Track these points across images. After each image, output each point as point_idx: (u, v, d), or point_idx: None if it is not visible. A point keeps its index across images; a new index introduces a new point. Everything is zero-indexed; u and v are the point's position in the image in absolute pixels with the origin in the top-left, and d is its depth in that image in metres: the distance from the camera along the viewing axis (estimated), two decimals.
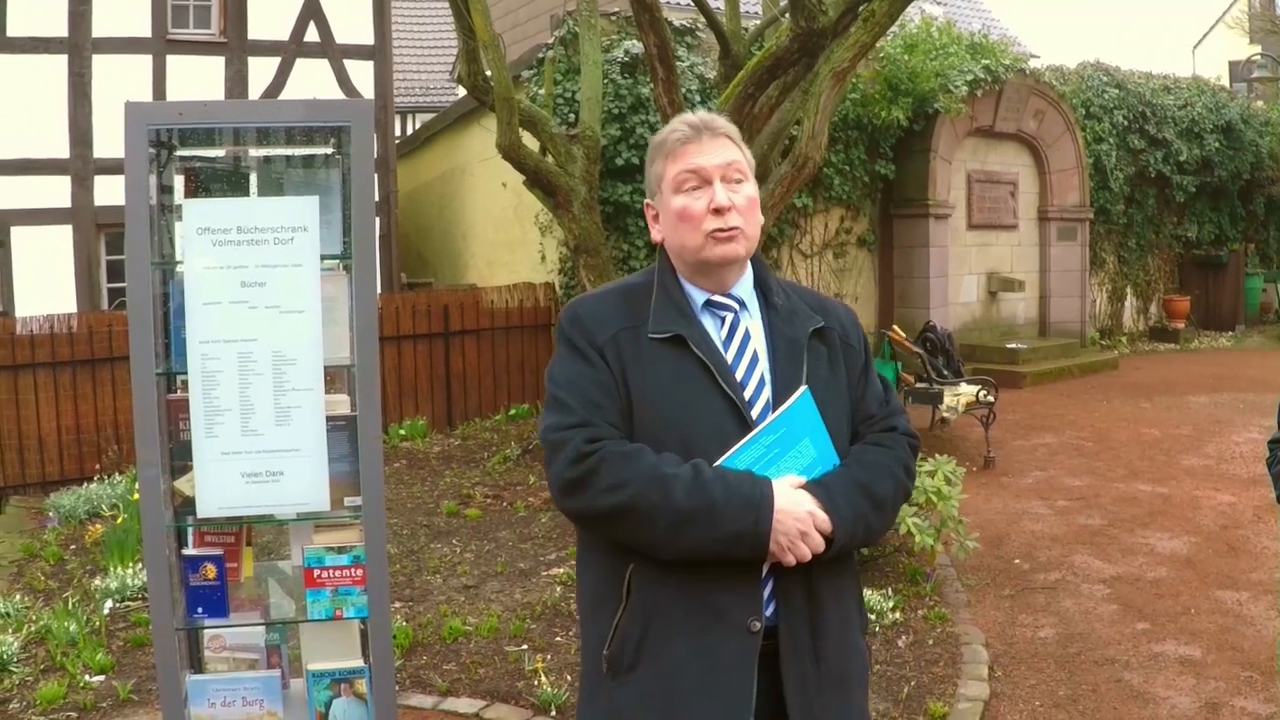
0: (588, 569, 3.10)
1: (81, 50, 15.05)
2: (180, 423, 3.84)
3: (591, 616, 3.04)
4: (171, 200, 3.98)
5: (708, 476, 2.76)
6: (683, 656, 2.84)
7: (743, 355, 2.99)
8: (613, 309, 3.00)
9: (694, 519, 2.73)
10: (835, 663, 2.99)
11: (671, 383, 2.89)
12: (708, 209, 2.93)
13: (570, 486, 2.82)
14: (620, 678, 2.90)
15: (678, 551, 2.78)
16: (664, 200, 3.02)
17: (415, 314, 14.52)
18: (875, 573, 8.18)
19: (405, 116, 30.18)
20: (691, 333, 2.93)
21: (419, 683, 6.61)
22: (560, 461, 2.83)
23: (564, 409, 2.87)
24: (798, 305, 3.13)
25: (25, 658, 7.04)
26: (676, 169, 2.97)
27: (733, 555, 2.78)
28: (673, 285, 3.03)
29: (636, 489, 2.74)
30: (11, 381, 11.86)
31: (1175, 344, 22.05)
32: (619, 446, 2.80)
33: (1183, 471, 11.35)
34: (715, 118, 3.06)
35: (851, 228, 17.97)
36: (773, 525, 2.76)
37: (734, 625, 2.83)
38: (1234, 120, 22.74)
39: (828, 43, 9.28)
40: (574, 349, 2.94)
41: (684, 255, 3.01)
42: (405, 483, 11.67)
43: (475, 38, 10.29)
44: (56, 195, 15.05)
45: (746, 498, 2.76)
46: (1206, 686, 6.33)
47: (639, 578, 2.87)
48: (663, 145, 3.03)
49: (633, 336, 2.93)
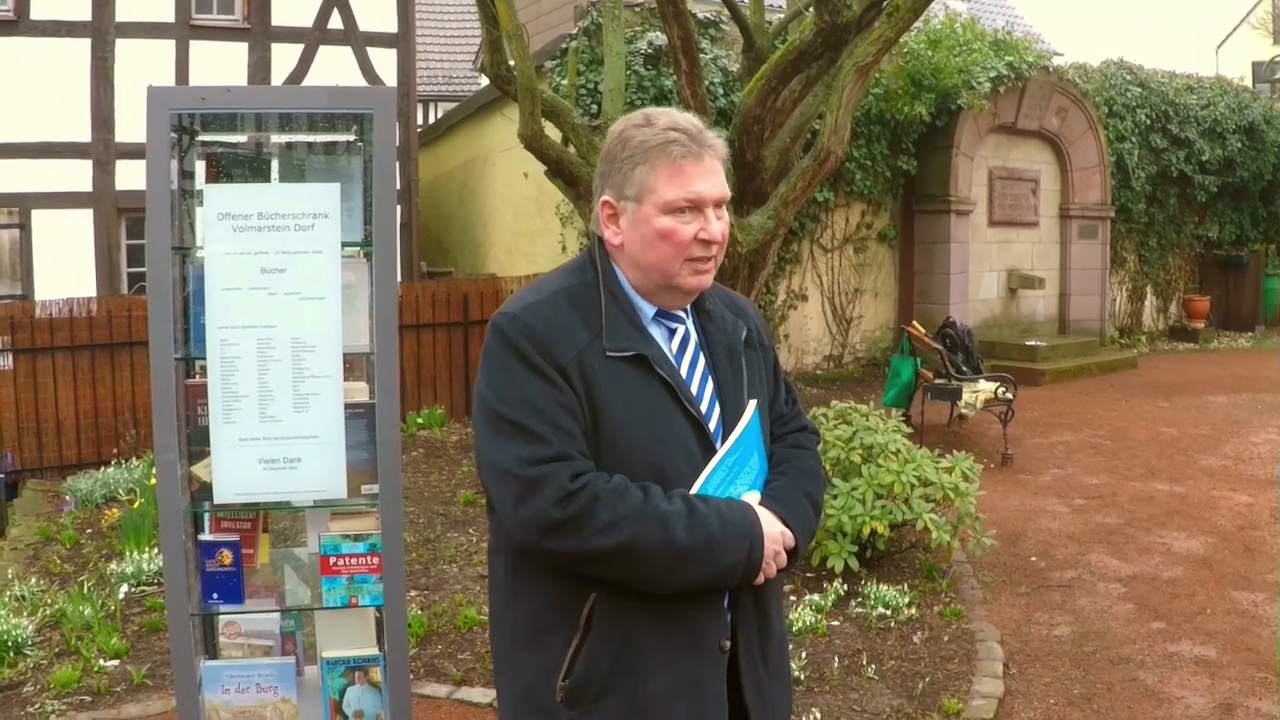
0: (525, 593, 2.85)
1: (105, 34, 15.09)
2: (198, 408, 3.85)
3: (531, 644, 2.83)
4: (193, 185, 3.99)
5: (702, 511, 2.68)
6: (663, 684, 2.76)
7: (694, 371, 2.89)
8: (566, 320, 2.76)
9: (695, 555, 2.65)
10: (776, 657, 3.02)
11: (638, 404, 2.74)
12: (695, 237, 2.77)
13: (558, 527, 2.62)
14: (584, 707, 2.76)
15: (673, 586, 2.70)
16: (643, 211, 2.78)
17: (435, 303, 14.52)
18: (891, 568, 8.17)
19: (427, 105, 30.19)
20: (651, 351, 2.79)
21: (433, 672, 6.61)
22: (541, 500, 2.61)
23: (534, 438, 2.65)
24: (722, 309, 3.03)
25: (40, 641, 7.06)
26: (674, 191, 2.76)
27: (726, 585, 2.76)
28: (620, 293, 2.85)
29: (636, 529, 2.61)
30: (30, 365, 11.90)
31: (1194, 344, 21.97)
32: (604, 482, 2.64)
33: (1200, 471, 11.31)
34: (712, 134, 2.86)
35: (872, 223, 17.95)
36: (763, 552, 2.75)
37: (708, 648, 2.80)
38: (1257, 121, 22.66)
39: (851, 37, 9.25)
40: (531, 367, 2.69)
41: (650, 273, 2.82)
42: (422, 471, 11.68)
43: (499, 27, 10.26)
44: (78, 179, 15.10)
45: (740, 528, 2.71)
46: (1221, 687, 6.31)
47: (605, 607, 2.73)
48: (658, 152, 2.77)
49: (592, 353, 2.73)
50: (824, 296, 17.51)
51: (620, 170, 2.82)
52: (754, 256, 9.17)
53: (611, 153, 2.86)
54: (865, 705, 6.05)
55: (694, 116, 2.87)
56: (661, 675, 2.76)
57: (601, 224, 2.88)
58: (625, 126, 2.86)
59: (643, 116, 2.87)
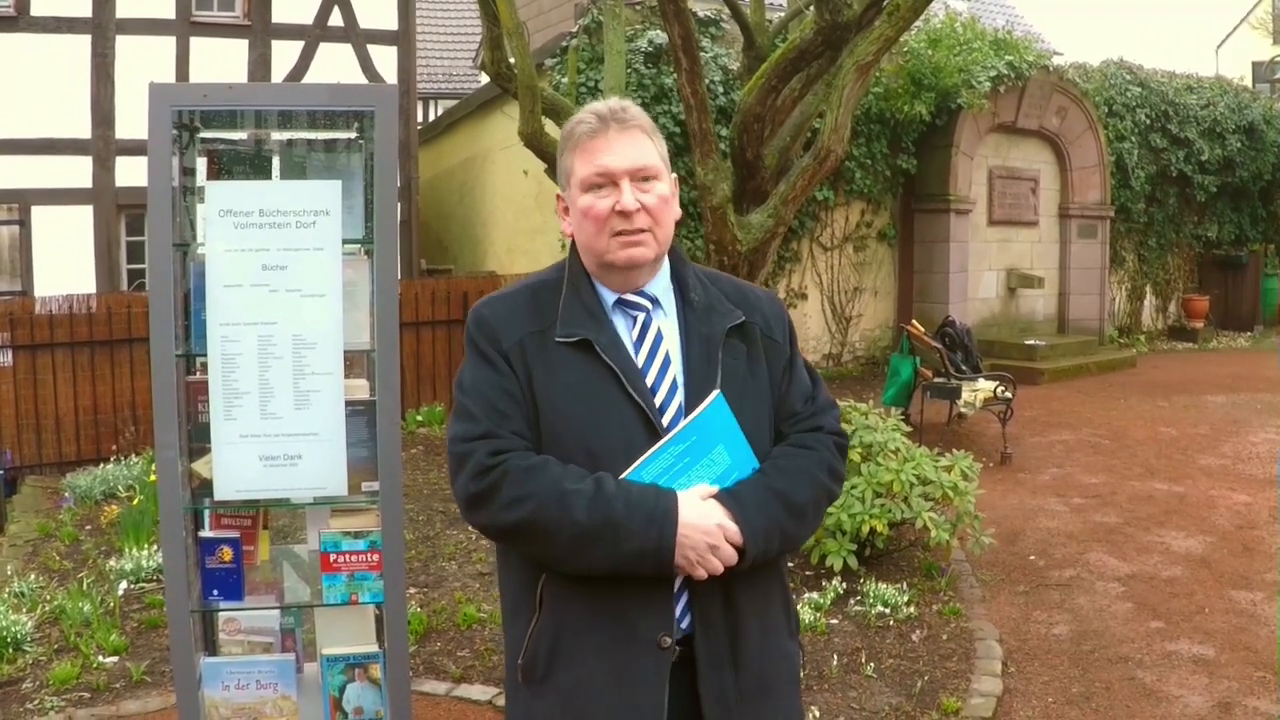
0: (506, 578, 3.01)
1: (105, 31, 15.08)
2: (199, 405, 3.85)
3: (510, 623, 2.97)
4: (193, 182, 3.99)
5: (609, 491, 2.67)
6: (592, 670, 2.78)
7: (654, 358, 2.88)
8: (519, 311, 2.88)
9: (596, 535, 2.65)
10: (756, 670, 2.90)
11: (578, 389, 2.78)
12: (613, 210, 2.81)
13: (474, 501, 2.74)
14: (534, 687, 2.85)
15: (581, 567, 2.71)
16: (571, 196, 2.89)
17: (435, 300, 14.53)
18: (890, 566, 8.18)
19: (427, 103, 30.19)
20: (600, 336, 2.82)
21: (432, 669, 6.62)
22: (465, 474, 2.75)
23: (469, 418, 2.78)
24: (716, 300, 3.00)
25: (39, 637, 7.06)
26: (584, 168, 2.84)
27: (638, 571, 2.70)
28: (583, 284, 2.91)
29: (537, 504, 2.65)
30: (30, 361, 11.90)
31: (1193, 343, 21.99)
32: (523, 459, 2.72)
33: (1199, 471, 11.32)
34: (627, 106, 2.91)
35: (872, 221, 17.97)
36: (677, 540, 2.67)
37: (644, 642, 2.77)
38: (1256, 121, 22.68)
39: (852, 36, 9.25)
40: (479, 354, 2.84)
41: (589, 255, 2.90)
42: (422, 469, 11.68)
43: (499, 25, 10.26)
44: (78, 175, 15.10)
45: (649, 513, 2.66)
46: (1219, 686, 6.32)
47: (550, 589, 2.80)
48: (570, 137, 2.89)
49: (539, 341, 2.82)
50: (823, 295, 17.52)
51: (559, 164, 2.96)
52: (753, 255, 9.16)
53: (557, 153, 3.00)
54: (864, 703, 6.06)
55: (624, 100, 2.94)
56: (594, 662, 2.78)
57: (560, 221, 3.00)
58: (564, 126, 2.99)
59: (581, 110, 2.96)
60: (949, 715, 5.94)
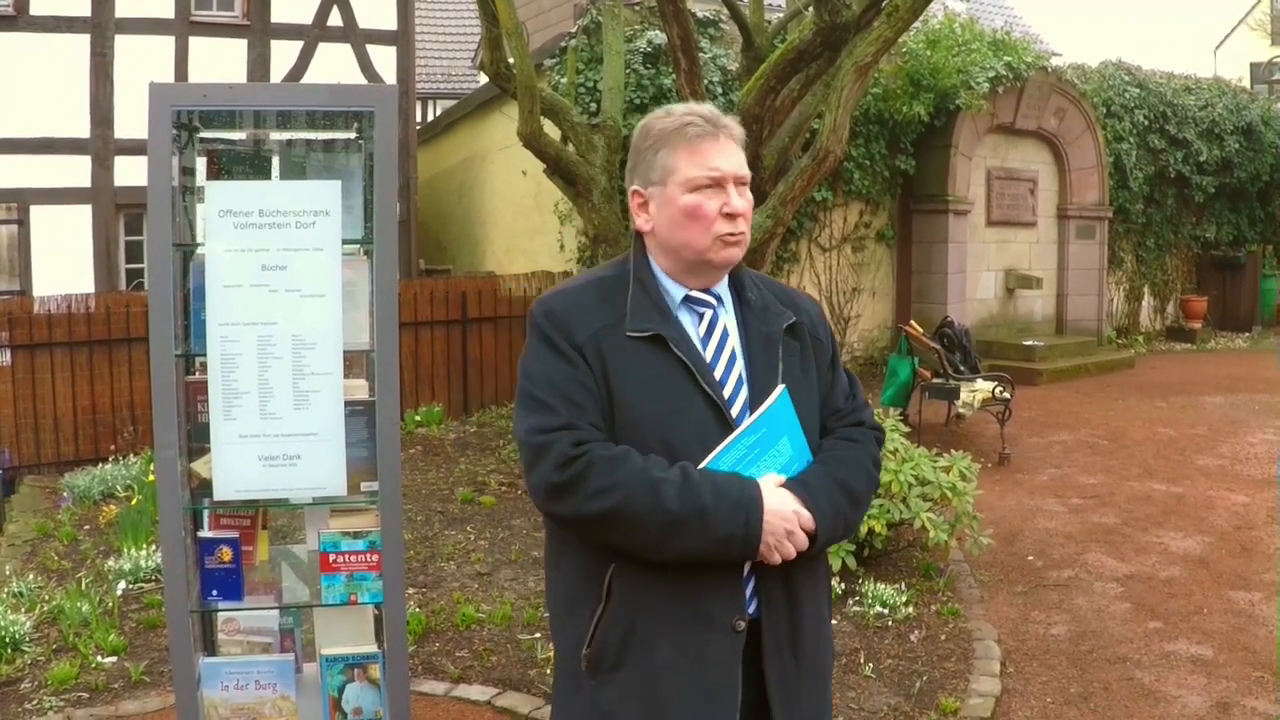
0: (560, 570, 3.06)
1: (104, 30, 15.09)
2: (198, 405, 3.86)
3: (567, 614, 3.01)
4: (193, 182, 3.99)
5: (696, 479, 2.75)
6: (669, 656, 2.84)
7: (721, 353, 2.98)
8: (589, 305, 2.94)
9: (685, 522, 2.72)
10: (812, 653, 3.03)
11: (652, 383, 2.86)
12: (720, 212, 2.90)
13: (557, 490, 2.78)
14: (601, 677, 2.89)
15: (668, 554, 2.77)
16: (668, 193, 2.94)
17: (433, 300, 14.51)
18: (889, 567, 8.19)
19: (426, 103, 30.20)
20: (671, 332, 2.90)
21: (431, 669, 6.62)
22: (545, 465, 2.79)
23: (546, 410, 2.83)
24: (769, 300, 3.12)
25: (37, 637, 7.06)
26: (694, 168, 2.91)
27: (723, 557, 2.79)
28: (649, 280, 2.99)
29: (626, 493, 2.72)
30: (29, 361, 11.89)
31: (1192, 344, 21.96)
32: (606, 449, 2.78)
33: (1197, 471, 11.32)
34: (727, 117, 3.02)
35: (870, 222, 17.95)
36: (762, 526, 2.77)
37: (719, 625, 2.85)
38: (1254, 122, 22.66)
39: (851, 37, 9.26)
40: (551, 346, 2.90)
41: (683, 252, 2.96)
42: (420, 469, 11.68)
43: (499, 25, 10.28)
44: (77, 175, 15.11)
45: (736, 500, 2.76)
46: (1218, 686, 6.32)
47: (621, 578, 2.85)
48: (676, 135, 2.94)
49: (611, 334, 2.88)
50: (822, 295, 17.49)
51: (645, 159, 3.00)
52: (752, 255, 9.17)
53: (636, 145, 3.04)
54: (863, 704, 6.06)
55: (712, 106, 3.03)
56: (669, 647, 2.84)
57: (634, 213, 3.05)
58: (648, 120, 3.05)
59: (664, 110, 3.05)
60: (947, 715, 5.94)
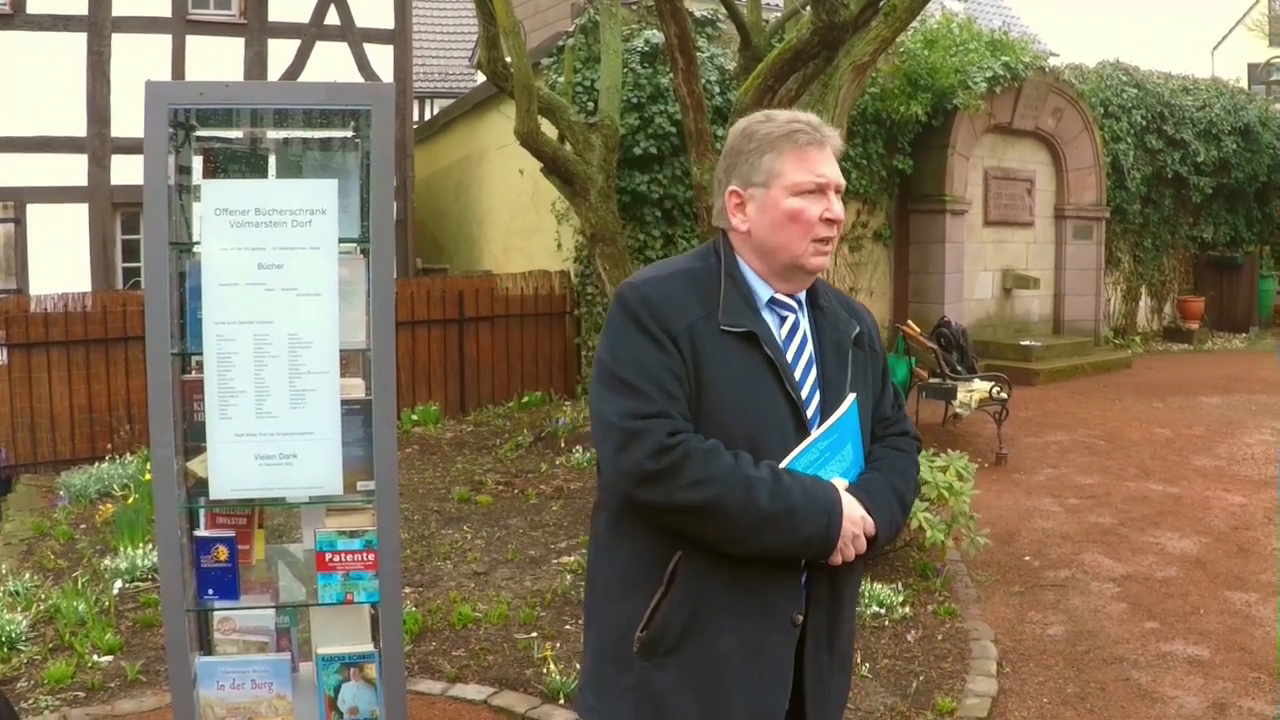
0: (618, 550, 3.05)
1: (101, 29, 15.08)
2: (194, 404, 3.85)
3: (619, 595, 3.01)
4: (190, 181, 3.98)
5: (786, 481, 2.81)
6: (729, 646, 2.89)
7: (800, 356, 3.03)
8: (683, 294, 2.95)
9: (775, 521, 2.78)
10: (842, 648, 3.15)
11: (741, 379, 2.90)
12: (820, 217, 2.96)
13: (651, 478, 2.79)
14: (657, 659, 2.92)
15: (751, 549, 2.82)
16: (771, 195, 2.97)
17: (430, 299, 14.51)
18: (885, 566, 8.17)
19: (423, 102, 30.16)
20: (762, 330, 2.94)
21: (427, 668, 6.61)
22: (639, 450, 2.79)
23: (639, 395, 2.83)
24: (837, 308, 3.19)
25: (34, 636, 7.05)
26: (802, 174, 2.95)
27: (800, 555, 2.88)
28: (740, 279, 3.02)
29: (721, 487, 2.76)
30: (25, 360, 11.89)
31: (1189, 344, 21.98)
32: (699, 442, 2.80)
33: (1194, 472, 11.32)
34: (829, 127, 3.06)
35: (868, 222, 17.94)
36: (841, 530, 2.85)
37: (780, 619, 2.94)
38: (1252, 122, 22.68)
39: (848, 36, 9.26)
40: (645, 332, 2.88)
41: (779, 255, 2.99)
42: (417, 468, 11.67)
43: (496, 24, 10.27)
44: (73, 173, 15.11)
45: (822, 503, 2.83)
46: (1214, 687, 6.32)
47: (687, 566, 2.88)
48: (784, 140, 2.98)
49: (705, 327, 2.90)
50: None
51: (748, 160, 3.02)
52: None
53: (736, 147, 3.06)
54: (859, 703, 6.05)
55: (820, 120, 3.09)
56: (730, 637, 2.90)
57: (729, 213, 3.06)
58: (749, 123, 3.08)
59: (764, 115, 3.10)
60: (944, 715, 5.94)
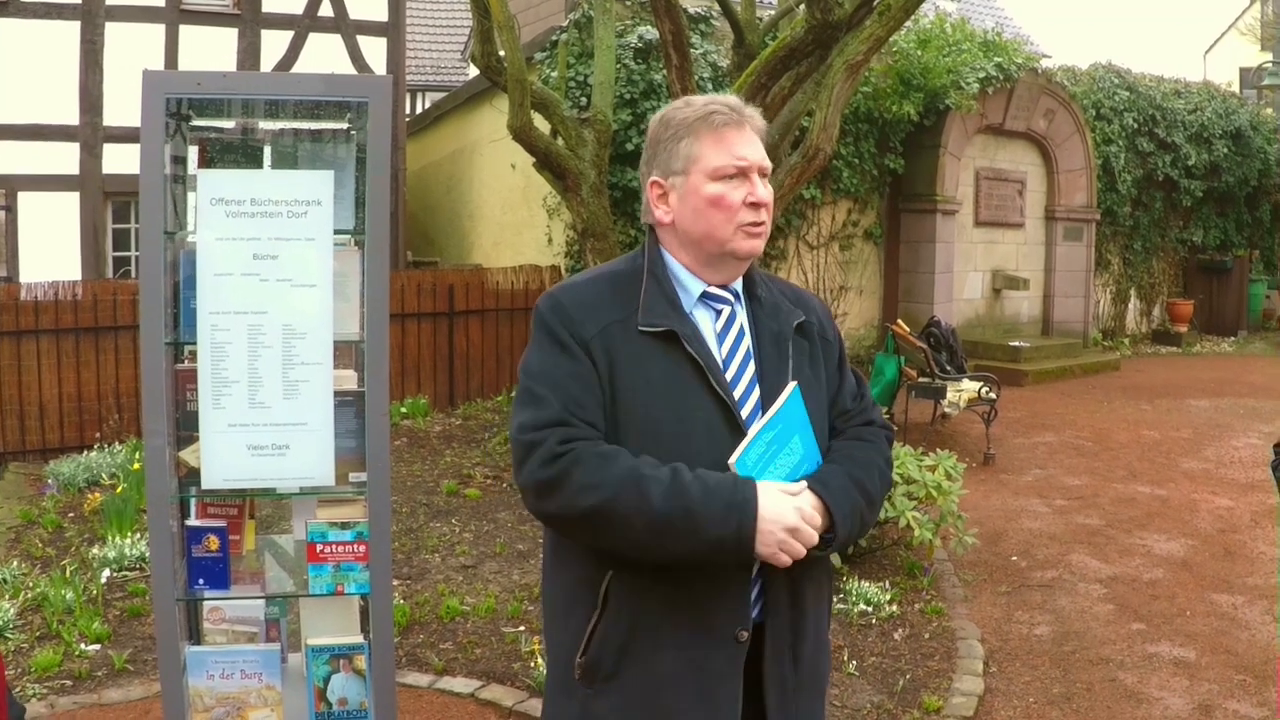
0: (559, 571, 2.97)
1: (95, 17, 15.04)
2: (187, 393, 3.84)
3: (562, 621, 2.93)
4: (184, 171, 3.97)
5: (686, 479, 2.64)
6: (669, 668, 2.78)
7: (735, 352, 2.90)
8: (599, 299, 2.84)
9: (672, 523, 2.60)
10: (810, 663, 2.98)
11: (661, 381, 2.77)
12: (744, 202, 2.83)
13: (543, 488, 2.68)
14: (597, 685, 2.82)
15: (661, 557, 2.68)
16: (691, 182, 2.86)
17: (420, 292, 14.49)
18: (873, 565, 8.19)
19: (415, 95, 30.11)
20: (684, 328, 2.81)
21: (415, 661, 6.62)
22: (533, 462, 2.68)
23: (540, 404, 2.73)
24: (778, 298, 3.05)
25: (21, 625, 7.05)
26: (720, 157, 2.83)
27: (719, 560, 2.70)
28: (664, 275, 2.90)
29: (612, 491, 2.61)
30: (14, 347, 11.85)
31: (1177, 347, 22.04)
32: (595, 447, 2.68)
33: (1181, 474, 11.35)
34: (750, 107, 2.95)
35: (859, 221, 17.96)
36: (757, 529, 2.64)
37: (722, 637, 2.79)
38: (1243, 127, 22.74)
39: (842, 35, 9.28)
40: (554, 340, 2.79)
41: (704, 244, 2.87)
42: (406, 461, 11.67)
43: (490, 18, 10.27)
44: (65, 162, 15.06)
45: (727, 501, 2.63)
46: (1200, 689, 6.34)
47: (619, 584, 2.77)
48: (701, 123, 2.86)
49: (622, 330, 2.79)
50: None
51: (666, 148, 2.91)
52: None
53: (655, 135, 2.96)
54: (846, 701, 6.07)
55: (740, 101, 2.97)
56: (670, 658, 2.78)
57: (651, 205, 2.95)
58: (666, 110, 2.97)
59: (683, 101, 2.98)
60: (930, 714, 5.96)
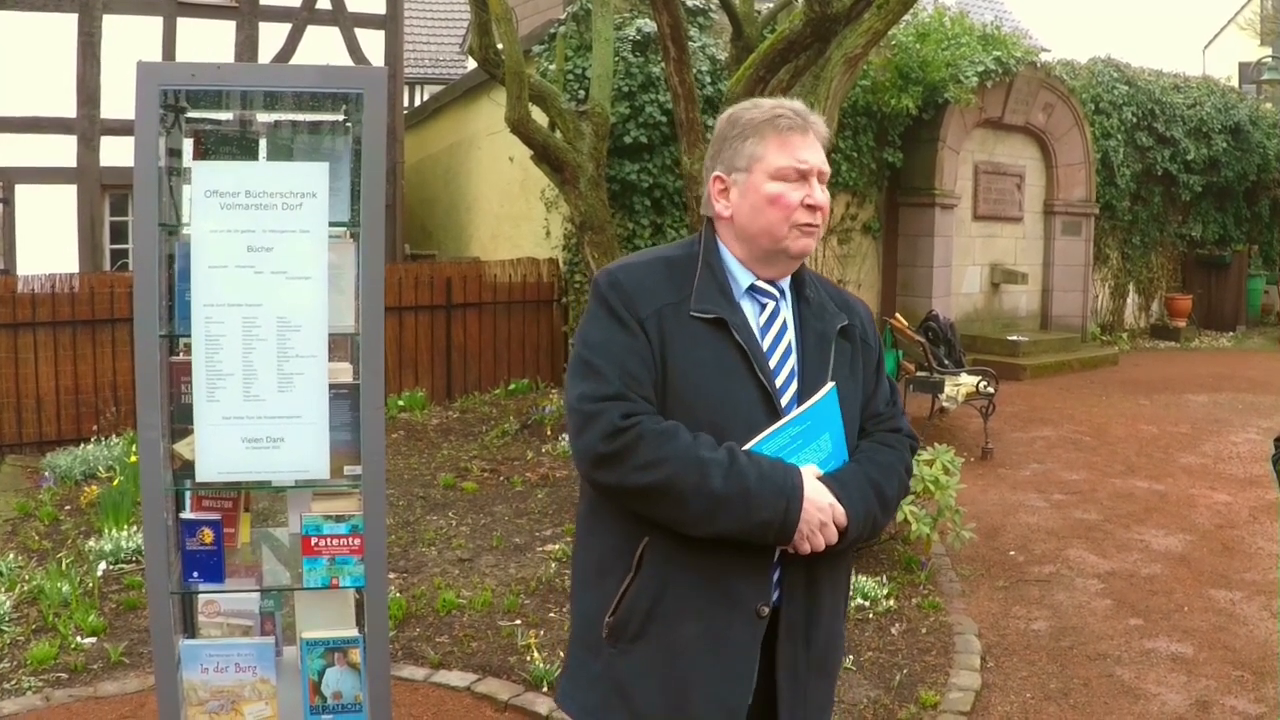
0: (595, 535, 3.08)
1: (92, 10, 15.02)
2: (182, 386, 3.83)
3: (594, 582, 3.04)
4: (180, 163, 3.95)
5: (743, 463, 2.79)
6: (692, 634, 2.88)
7: (778, 345, 3.02)
8: (656, 280, 2.97)
9: (728, 503, 2.75)
10: (821, 648, 3.08)
11: (709, 364, 2.89)
12: (802, 203, 2.96)
13: (604, 460, 2.81)
14: (622, 646, 2.94)
15: (707, 532, 2.80)
16: (752, 180, 3.00)
17: (418, 285, 14.50)
18: (870, 559, 8.18)
19: (413, 88, 30.11)
20: (733, 317, 2.94)
21: (411, 654, 6.61)
22: (593, 433, 2.81)
23: (599, 378, 2.85)
24: (825, 300, 3.18)
25: (17, 617, 7.04)
26: (783, 158, 2.97)
27: (760, 540, 2.83)
28: (718, 265, 3.04)
29: (673, 469, 2.75)
30: (11, 340, 11.85)
31: (1176, 342, 22.03)
32: (655, 423, 2.80)
33: (1180, 469, 11.34)
34: (814, 114, 3.07)
35: (857, 214, 17.95)
36: (801, 515, 2.81)
37: (744, 609, 2.90)
38: (1242, 121, 22.73)
39: (841, 28, 9.25)
40: (613, 315, 2.91)
41: (760, 239, 3.00)
42: (403, 454, 11.66)
43: (488, 10, 10.26)
44: (62, 154, 15.04)
45: (779, 486, 2.79)
46: (1197, 684, 6.33)
47: (654, 551, 2.89)
48: (767, 125, 3.00)
49: (675, 312, 2.91)
50: None
51: (731, 146, 3.06)
52: None
53: (722, 133, 3.10)
54: (843, 696, 6.06)
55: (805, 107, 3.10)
56: (693, 624, 2.90)
57: (712, 199, 3.10)
58: (734, 110, 3.12)
59: (750, 102, 3.14)
60: (927, 709, 5.95)
